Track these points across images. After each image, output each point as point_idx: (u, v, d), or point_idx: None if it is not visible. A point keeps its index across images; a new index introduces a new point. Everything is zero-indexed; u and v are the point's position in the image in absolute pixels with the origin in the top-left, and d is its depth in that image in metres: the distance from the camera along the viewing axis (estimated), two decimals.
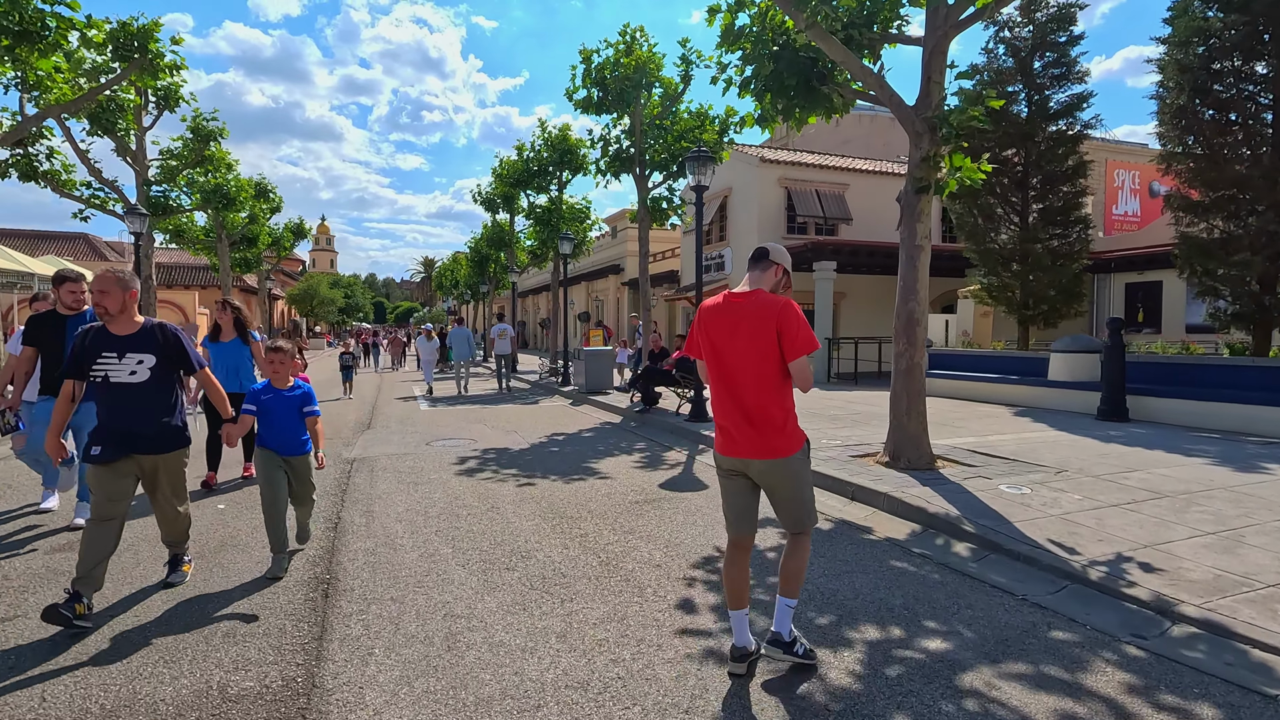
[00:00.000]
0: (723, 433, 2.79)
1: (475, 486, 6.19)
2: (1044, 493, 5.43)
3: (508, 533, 4.78)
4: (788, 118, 7.89)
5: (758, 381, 2.66)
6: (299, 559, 4.20)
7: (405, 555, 4.29)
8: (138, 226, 13.63)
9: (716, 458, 2.86)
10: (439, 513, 5.30)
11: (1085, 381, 10.46)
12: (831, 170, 21.17)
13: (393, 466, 7.09)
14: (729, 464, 2.79)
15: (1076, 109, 12.59)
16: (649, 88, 12.95)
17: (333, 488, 6.12)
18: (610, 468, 7.08)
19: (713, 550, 4.42)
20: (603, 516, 5.20)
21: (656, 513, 5.31)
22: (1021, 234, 12.80)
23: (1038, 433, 8.46)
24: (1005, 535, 4.42)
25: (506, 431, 9.64)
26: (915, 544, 4.59)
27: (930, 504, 5.10)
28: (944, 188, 6.41)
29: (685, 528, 4.91)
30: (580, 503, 5.61)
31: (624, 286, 31.32)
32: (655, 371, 11.01)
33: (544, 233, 20.42)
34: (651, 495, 5.88)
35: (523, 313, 49.55)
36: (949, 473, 6.14)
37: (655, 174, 13.56)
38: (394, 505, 5.51)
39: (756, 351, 2.65)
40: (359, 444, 8.52)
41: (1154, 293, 18.79)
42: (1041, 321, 13.00)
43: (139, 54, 11.35)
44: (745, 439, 2.69)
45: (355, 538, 4.65)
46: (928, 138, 6.34)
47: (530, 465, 7.19)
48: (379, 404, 13.34)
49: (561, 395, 14.87)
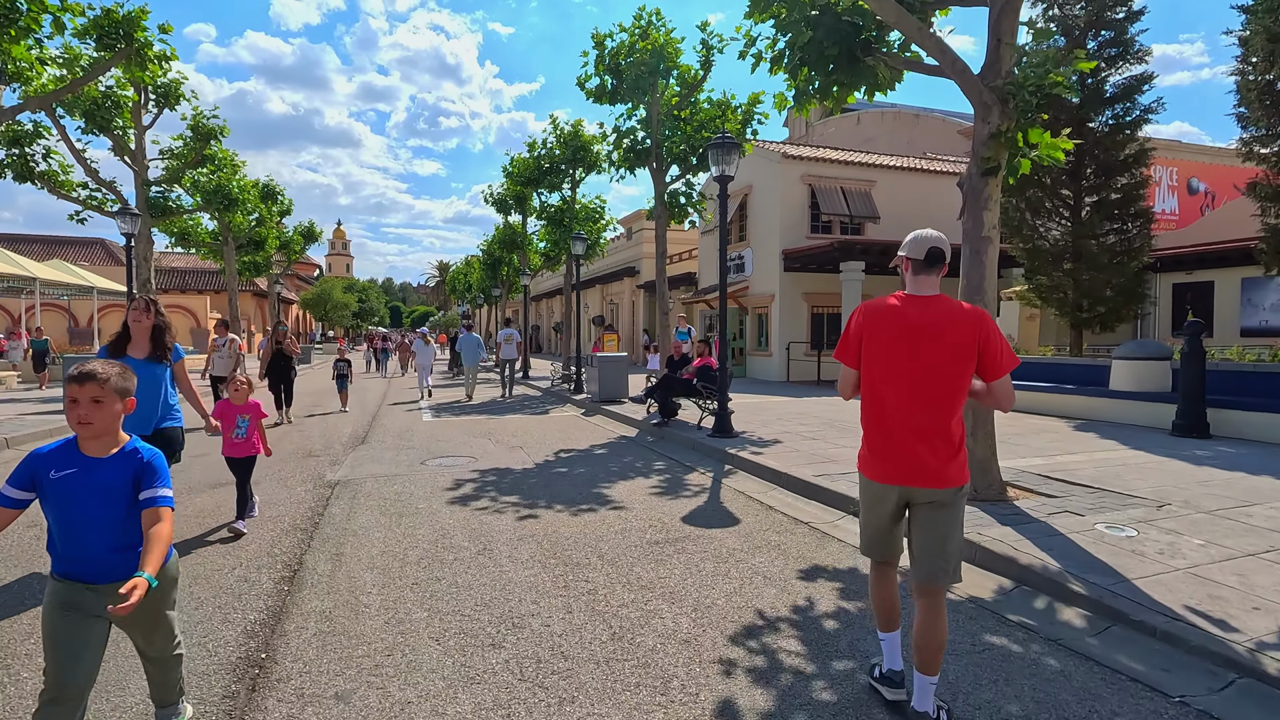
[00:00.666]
0: (882, 456, 2.51)
1: (468, 519, 5.32)
2: (1154, 535, 4.44)
3: (499, 587, 3.90)
4: (824, 96, 6.97)
5: (945, 399, 2.41)
6: (231, 628, 3.34)
7: (368, 622, 3.42)
8: (129, 227, 13.00)
9: (865, 482, 2.61)
10: (420, 556, 4.43)
11: (1154, 392, 9.39)
12: (857, 166, 20.15)
13: (378, 492, 6.25)
14: (885, 491, 2.52)
15: (1135, 92, 11.48)
16: (666, 75, 12.07)
17: (304, 520, 5.28)
18: (625, 494, 6.18)
19: (754, 617, 3.50)
20: (615, 563, 4.30)
21: (680, 558, 4.40)
22: (1074, 229, 11.71)
23: (1111, 452, 7.44)
24: (1128, 599, 3.46)
25: (511, 448, 8.78)
26: (1009, 607, 3.64)
27: (1019, 551, 4.14)
28: (1017, 168, 5.45)
29: (716, 581, 3.99)
30: (589, 543, 4.72)
31: (640, 289, 30.45)
32: (674, 380, 10.10)
33: (556, 233, 19.62)
34: (673, 533, 4.97)
35: (536, 317, 48.89)
36: (1027, 505, 5.17)
37: (673, 168, 12.67)
38: (369, 545, 4.66)
39: (949, 365, 2.39)
40: (348, 462, 7.70)
41: (1204, 294, 17.55)
42: (1098, 325, 11.88)
43: (124, 43, 10.69)
44: (915, 463, 2.42)
45: (313, 594, 3.79)
46: (997, 110, 5.38)
47: (534, 491, 6.32)
48: (380, 414, 12.55)
49: (573, 404, 14.01)
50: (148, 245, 16.63)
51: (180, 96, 16.37)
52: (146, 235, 16.44)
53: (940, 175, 21.06)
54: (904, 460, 2.44)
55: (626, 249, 32.54)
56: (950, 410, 2.42)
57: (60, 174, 15.55)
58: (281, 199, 26.85)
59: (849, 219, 19.64)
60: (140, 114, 15.94)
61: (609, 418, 11.88)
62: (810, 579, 4.05)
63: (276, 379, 10.79)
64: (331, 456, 8.09)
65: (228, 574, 4.08)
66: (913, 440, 2.42)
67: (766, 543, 4.75)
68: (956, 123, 31.72)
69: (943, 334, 2.39)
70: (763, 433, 9.01)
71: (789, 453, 7.54)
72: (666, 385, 10.07)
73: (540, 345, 46.75)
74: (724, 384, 8.91)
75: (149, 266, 16.42)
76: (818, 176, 19.52)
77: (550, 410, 13.28)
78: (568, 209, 19.20)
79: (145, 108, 16.06)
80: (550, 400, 15.30)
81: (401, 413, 12.79)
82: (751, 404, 12.58)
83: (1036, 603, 3.70)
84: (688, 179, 13.08)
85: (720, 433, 8.66)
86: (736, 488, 6.46)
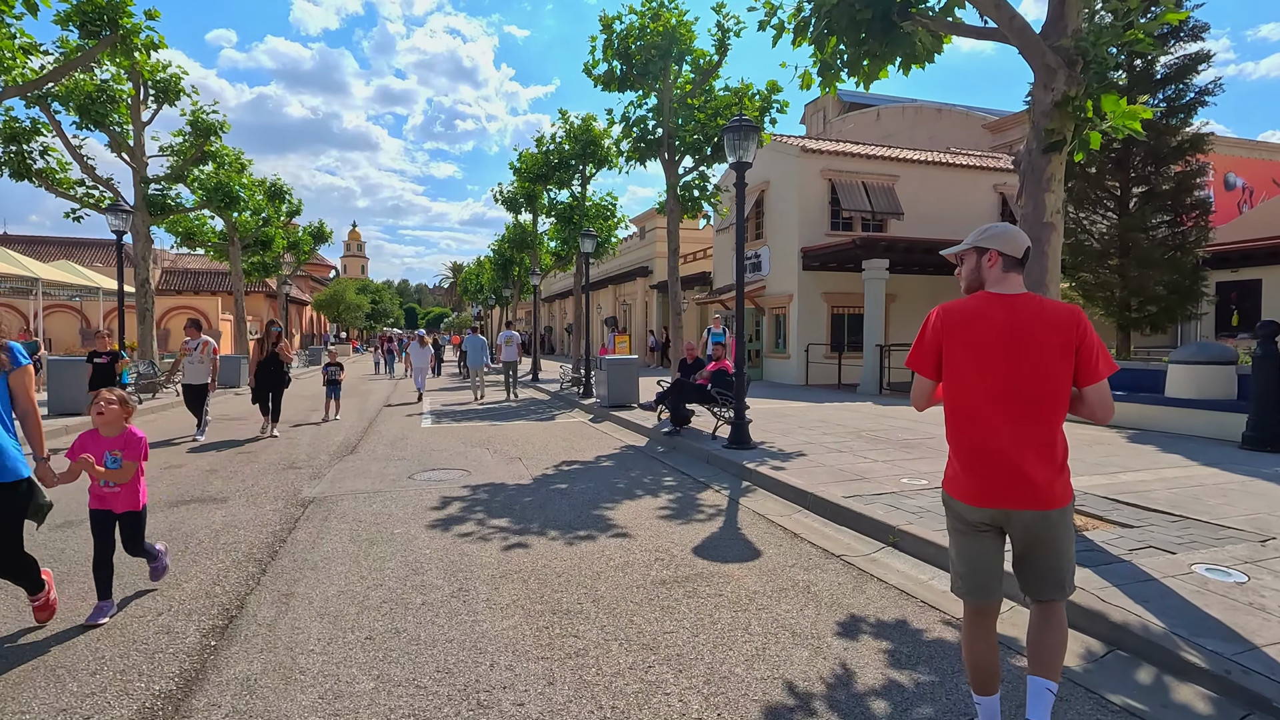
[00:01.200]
0: (976, 475, 2.26)
1: (447, 549, 4.63)
2: (1271, 581, 3.64)
3: (469, 644, 3.20)
4: (854, 71, 6.25)
5: (1048, 408, 2.20)
6: (126, 705, 2.67)
7: (298, 698, 2.74)
8: (121, 224, 12.50)
9: (957, 507, 2.33)
10: (383, 599, 3.75)
11: (1218, 400, 8.51)
12: (879, 160, 19.28)
13: (354, 513, 5.59)
14: (980, 515, 2.28)
15: (1190, 72, 10.53)
16: (679, 60, 11.33)
17: (261, 548, 4.62)
18: (629, 517, 5.47)
19: (782, 693, 2.77)
20: (612, 610, 3.59)
21: (690, 604, 3.68)
22: (1121, 222, 10.79)
23: (1180, 469, 6.60)
24: (1265, 678, 2.69)
25: (509, 459, 8.09)
26: (1106, 682, 2.88)
27: (1108, 604, 3.36)
28: (1086, 142, 4.67)
29: (734, 638, 3.26)
30: (583, 582, 4.01)
31: (652, 290, 29.74)
32: (687, 386, 9.37)
33: (566, 231, 18.96)
34: (683, 568, 4.25)
35: (549, 318, 48.37)
36: (1101, 538, 4.38)
37: (686, 159, 11.94)
38: (326, 584, 3.98)
39: (1051, 370, 2.19)
40: (329, 476, 7.06)
41: (1251, 292, 16.52)
42: (1147, 325, 10.96)
43: (110, 29, 10.17)
44: (1016, 484, 2.20)
45: (243, 652, 3.12)
46: (1063, 74, 4.61)
47: (527, 513, 5.62)
48: (378, 419, 11.95)
49: (581, 409, 13.32)
50: (147, 244, 16.21)
51: (180, 91, 15.91)
52: (145, 234, 16.02)
53: (967, 170, 20.15)
54: (1006, 479, 2.19)
55: (639, 249, 31.86)
56: (1054, 421, 2.21)
57: (58, 171, 15.17)
58: (290, 199, 26.46)
59: (871, 215, 18.78)
60: (139, 109, 15.51)
61: (617, 424, 11.17)
62: (850, 635, 3.31)
63: (265, 387, 9.59)
64: (314, 468, 7.46)
65: (149, 623, 3.42)
66: (1016, 457, 2.18)
67: (793, 583, 4.01)
68: (981, 116, 30.71)
69: (1040, 336, 2.18)
70: (783, 444, 8.25)
71: (814, 468, 6.78)
72: (678, 391, 9.34)
73: (553, 347, 46.19)
74: (741, 390, 8.17)
75: (147, 266, 15.99)
76: (838, 171, 18.69)
77: (556, 416, 12.60)
78: (578, 206, 18.52)
79: (144, 103, 15.63)
80: (557, 405, 14.63)
81: (400, 418, 12.18)
82: (769, 410, 11.81)
83: (1140, 675, 2.93)
84: (701, 171, 12.34)
85: (737, 444, 7.92)
86: (756, 509, 5.72)
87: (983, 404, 2.22)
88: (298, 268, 33.02)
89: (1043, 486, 2.17)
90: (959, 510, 2.32)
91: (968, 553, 2.33)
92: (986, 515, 2.25)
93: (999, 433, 2.19)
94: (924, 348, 2.34)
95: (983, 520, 2.27)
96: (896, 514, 5.01)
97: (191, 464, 7.69)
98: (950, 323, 2.27)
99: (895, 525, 4.74)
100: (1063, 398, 2.21)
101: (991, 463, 2.22)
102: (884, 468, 6.71)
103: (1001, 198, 20.13)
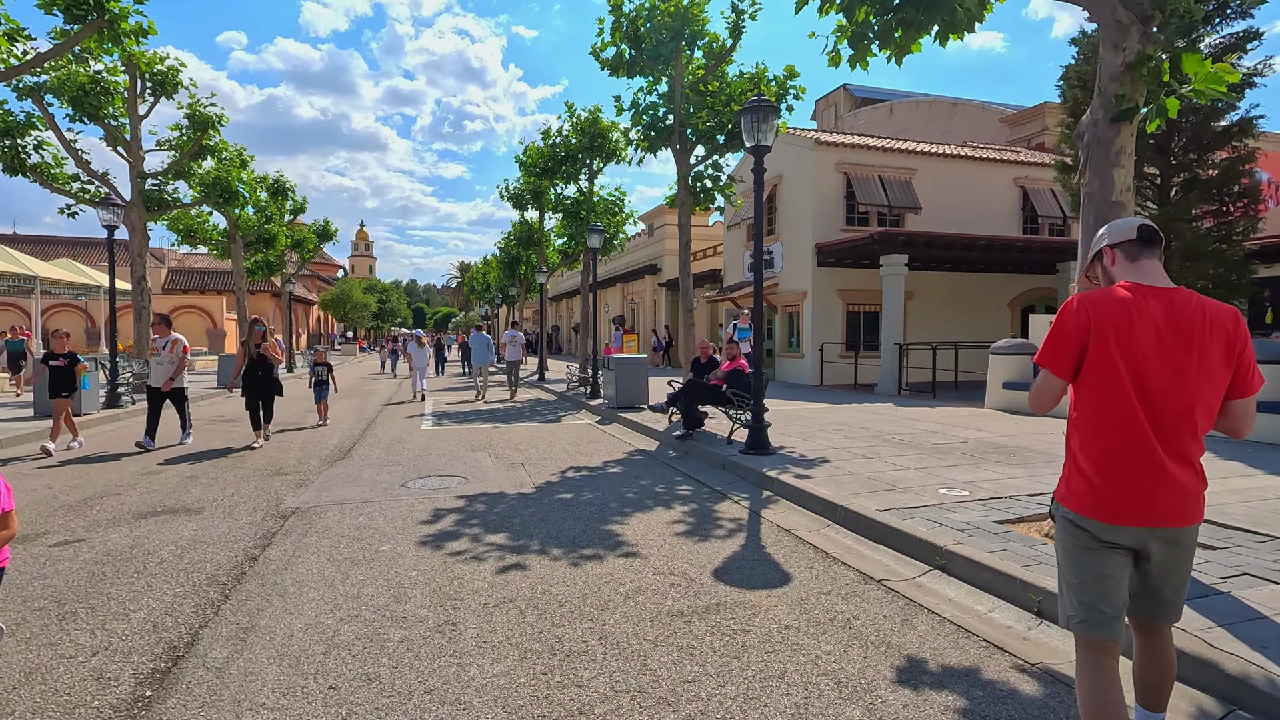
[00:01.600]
0: (1127, 488, 1.95)
1: (436, 571, 4.11)
2: None
3: (452, 697, 2.68)
4: (886, 42, 5.68)
5: (1205, 416, 1.96)
6: None
7: None
8: (111, 219, 12.08)
9: (1089, 525, 2.00)
10: (356, 634, 3.23)
11: (1275, 402, 7.88)
12: (896, 154, 18.65)
13: (338, 526, 5.08)
14: (1117, 535, 1.98)
15: (1238, 50, 9.88)
16: (691, 44, 10.79)
17: (228, 569, 4.12)
18: (640, 532, 4.93)
19: None
20: (623, 651, 3.06)
21: (714, 642, 3.14)
22: (1162, 212, 10.15)
23: (1247, 478, 6.00)
24: None
25: (511, 465, 7.58)
26: None
27: (1218, 650, 2.80)
28: (1164, 109, 4.10)
29: (768, 689, 2.72)
30: (588, 612, 3.48)
31: (661, 288, 29.21)
32: (701, 387, 8.82)
33: (573, 227, 18.44)
34: (703, 596, 3.71)
35: (556, 317, 47.92)
36: None
37: (698, 148, 11.40)
38: (294, 615, 3.47)
39: (1212, 376, 1.94)
40: (317, 484, 6.57)
41: None
42: None
43: (96, 14, 9.74)
44: (1168, 498, 1.93)
45: (181, 705, 2.61)
46: (1136, 31, 4.05)
47: (527, 527, 5.09)
48: (377, 420, 11.47)
49: (588, 410, 12.80)
50: (143, 240, 15.81)
51: (178, 84, 15.51)
52: (142, 230, 15.61)
53: (987, 163, 19.50)
54: (1159, 494, 1.96)
55: (648, 246, 31.32)
56: (1205, 431, 2.02)
57: (53, 166, 14.80)
58: (293, 196, 26.10)
59: (887, 210, 18.15)
60: (136, 102, 15.12)
61: (626, 427, 10.65)
62: (908, 685, 2.76)
63: (253, 393, 8.72)
64: (302, 475, 6.97)
65: (79, 665, 2.92)
66: (1172, 469, 1.96)
67: (831, 616, 3.46)
68: (999, 110, 29.94)
69: (1202, 336, 1.95)
70: (804, 448, 7.69)
71: (841, 476, 6.22)
72: (691, 392, 8.80)
73: (560, 346, 45.73)
74: (759, 391, 7.61)
75: (144, 262, 15.60)
76: (854, 164, 18.07)
77: (562, 417, 12.08)
78: (585, 201, 18.00)
79: (141, 96, 15.24)
80: (564, 406, 14.11)
81: (400, 419, 11.70)
82: (786, 411, 11.26)
83: None
84: (714, 160, 11.78)
85: (755, 448, 7.37)
86: (780, 523, 5.17)
87: (1138, 409, 1.96)
88: (302, 266, 32.68)
89: (1196, 499, 1.99)
90: (1091, 529, 2.03)
91: (1098, 580, 2.03)
92: (1129, 535, 2.00)
93: (1158, 442, 1.95)
94: (1063, 344, 2.04)
95: (1122, 540, 2.02)
96: (941, 531, 4.45)
97: (172, 470, 7.22)
98: (1099, 316, 1.98)
99: (942, 545, 4.18)
100: (1217, 405, 2.01)
101: (1146, 475, 1.97)
102: (917, 476, 6.14)
103: (1023, 191, 19.47)
